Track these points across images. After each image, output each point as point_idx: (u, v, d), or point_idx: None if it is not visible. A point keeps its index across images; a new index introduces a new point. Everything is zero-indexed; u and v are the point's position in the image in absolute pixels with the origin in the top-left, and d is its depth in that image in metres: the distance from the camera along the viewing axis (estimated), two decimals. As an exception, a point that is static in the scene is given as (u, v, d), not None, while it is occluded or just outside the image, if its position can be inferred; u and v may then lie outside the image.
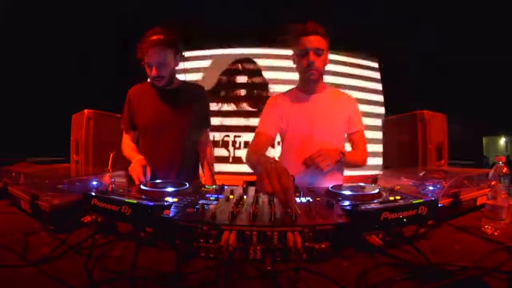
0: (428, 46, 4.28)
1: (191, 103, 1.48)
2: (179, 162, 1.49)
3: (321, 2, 3.97)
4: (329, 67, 4.48)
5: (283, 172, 0.70)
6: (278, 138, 1.49)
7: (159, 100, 1.45)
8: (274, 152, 3.01)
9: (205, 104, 1.61)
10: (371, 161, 4.36)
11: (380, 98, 4.50)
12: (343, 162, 1.23)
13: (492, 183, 0.81)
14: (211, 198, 0.88)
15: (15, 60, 3.71)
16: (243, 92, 3.97)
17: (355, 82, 4.47)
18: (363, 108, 4.45)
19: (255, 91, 3.99)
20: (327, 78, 4.39)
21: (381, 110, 4.49)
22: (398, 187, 1.00)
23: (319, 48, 1.22)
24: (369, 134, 4.42)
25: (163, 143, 1.45)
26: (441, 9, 3.98)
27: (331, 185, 0.99)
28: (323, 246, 0.61)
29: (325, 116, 1.33)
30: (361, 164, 1.38)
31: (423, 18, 4.05)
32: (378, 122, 4.38)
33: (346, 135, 1.43)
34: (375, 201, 0.83)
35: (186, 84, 1.58)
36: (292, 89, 1.43)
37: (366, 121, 4.43)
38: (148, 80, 1.51)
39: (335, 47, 4.37)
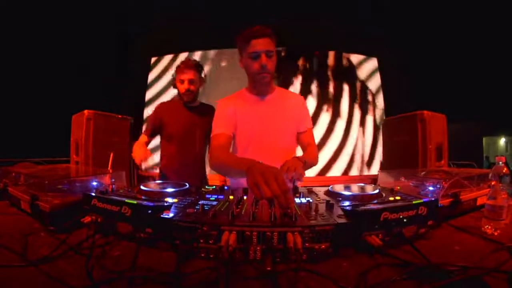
0: (428, 46, 4.29)
1: (207, 118, 1.74)
2: (198, 165, 1.84)
3: (322, 2, 3.98)
4: (329, 66, 4.50)
5: (278, 173, 0.68)
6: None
7: (187, 114, 1.80)
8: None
9: None
10: (371, 161, 4.37)
11: (380, 98, 4.50)
12: (305, 166, 1.22)
13: (492, 183, 0.81)
14: (211, 198, 0.88)
15: (16, 61, 3.71)
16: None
17: (355, 82, 4.48)
18: (362, 108, 4.47)
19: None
20: (330, 78, 4.40)
21: (381, 110, 4.49)
22: (398, 187, 1.00)
23: (270, 50, 1.22)
24: (369, 135, 4.44)
25: (189, 148, 1.79)
26: (442, 9, 3.98)
27: (331, 186, 0.99)
28: (323, 246, 0.62)
29: (275, 117, 1.34)
30: (315, 164, 1.37)
31: (423, 18, 4.05)
32: (378, 122, 4.39)
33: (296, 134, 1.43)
34: (375, 201, 0.83)
35: (203, 104, 1.92)
36: (241, 90, 1.41)
37: (366, 121, 4.45)
38: (171, 98, 1.92)
39: (335, 47, 4.38)
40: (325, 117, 4.36)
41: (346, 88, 4.44)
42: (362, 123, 4.45)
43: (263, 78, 1.27)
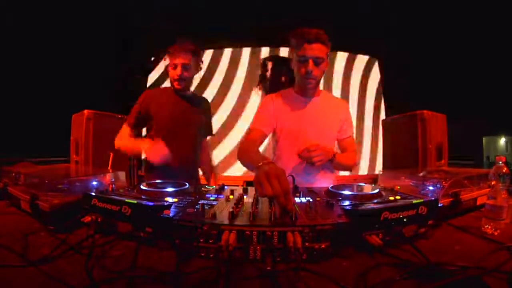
0: (428, 46, 4.28)
1: (200, 111, 1.65)
2: (191, 161, 1.62)
3: (322, 2, 3.98)
4: (330, 66, 4.49)
5: (282, 174, 0.70)
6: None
7: (178, 103, 1.57)
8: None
9: (210, 115, 1.81)
10: (371, 161, 4.37)
11: (380, 98, 4.50)
12: (333, 162, 1.25)
13: (492, 183, 0.81)
14: (211, 198, 0.88)
15: (16, 60, 3.71)
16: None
17: (355, 82, 4.48)
18: (363, 108, 4.46)
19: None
20: (328, 78, 4.39)
21: (381, 110, 4.49)
22: (398, 187, 1.00)
23: (319, 57, 1.22)
24: (369, 134, 4.43)
25: (178, 142, 1.53)
26: (442, 9, 3.98)
27: (331, 185, 0.99)
28: (323, 246, 0.62)
29: (318, 120, 1.35)
30: (351, 167, 1.40)
31: (424, 18, 4.05)
32: (378, 122, 4.38)
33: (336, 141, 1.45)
34: (375, 201, 0.83)
35: (196, 95, 1.72)
36: (289, 89, 1.43)
37: (366, 121, 4.45)
38: (163, 86, 1.65)
39: (336, 47, 4.38)
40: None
41: (346, 88, 4.44)
42: (362, 123, 4.45)
43: (308, 84, 1.29)
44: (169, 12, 4.01)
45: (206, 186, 1.11)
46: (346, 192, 0.90)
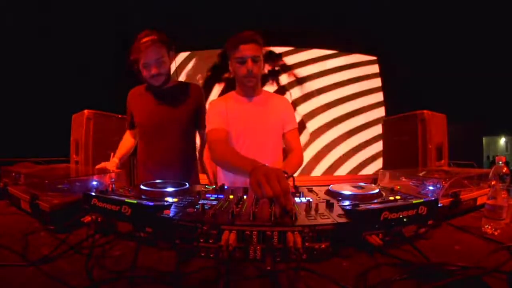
0: (428, 46, 4.28)
1: (186, 102, 1.49)
2: (176, 163, 1.49)
3: (322, 2, 3.98)
4: (330, 66, 4.50)
5: (281, 175, 0.71)
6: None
7: (154, 101, 1.47)
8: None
9: (202, 103, 1.58)
10: (371, 161, 4.37)
11: (380, 98, 4.50)
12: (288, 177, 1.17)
13: (492, 183, 0.81)
14: (211, 198, 0.88)
15: (16, 60, 3.71)
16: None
17: (355, 82, 4.48)
18: (363, 108, 4.47)
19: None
20: (328, 78, 4.40)
21: (381, 110, 4.49)
22: (398, 187, 1.00)
23: (256, 55, 1.28)
24: (369, 134, 4.44)
25: (159, 143, 1.47)
26: (442, 9, 3.98)
27: (331, 185, 0.99)
28: (323, 246, 0.62)
29: (263, 118, 1.39)
30: (298, 168, 1.40)
31: (424, 17, 4.05)
32: (378, 122, 4.38)
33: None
34: (375, 201, 0.83)
35: (182, 83, 1.57)
36: (231, 92, 1.47)
37: (366, 121, 4.45)
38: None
39: (335, 46, 4.38)
40: (325, 117, 4.36)
41: (346, 88, 4.44)
42: (363, 122, 4.45)
43: (249, 82, 1.34)
44: (169, 12, 4.01)
45: (206, 186, 1.11)
46: (346, 192, 0.90)
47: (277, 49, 4.33)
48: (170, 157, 1.47)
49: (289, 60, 4.34)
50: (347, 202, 0.81)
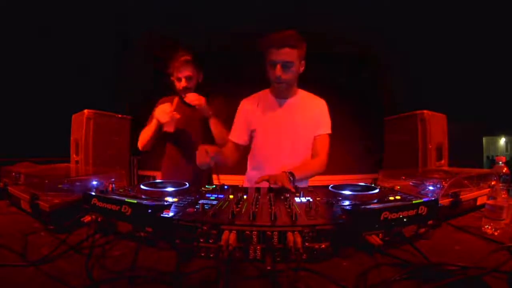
0: (428, 46, 4.28)
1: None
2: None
3: (321, 1, 3.98)
4: (329, 66, 4.49)
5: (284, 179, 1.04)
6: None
7: (183, 109, 1.64)
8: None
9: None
10: (371, 161, 4.37)
11: (380, 98, 4.50)
12: (295, 179, 1.17)
13: (492, 183, 0.81)
14: (211, 198, 0.88)
15: (16, 60, 3.71)
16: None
17: (355, 82, 4.48)
18: (363, 108, 4.47)
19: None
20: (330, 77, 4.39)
21: (381, 110, 4.49)
22: (398, 187, 1.00)
23: (287, 61, 1.21)
24: (369, 134, 4.43)
25: (187, 149, 1.66)
26: (442, 9, 3.98)
27: (331, 185, 0.99)
28: (323, 246, 0.62)
29: (292, 121, 1.35)
30: (318, 172, 1.36)
31: (424, 17, 4.05)
32: (378, 122, 4.37)
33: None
34: (375, 201, 0.83)
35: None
36: (265, 90, 1.44)
37: (366, 121, 4.44)
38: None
39: (336, 47, 4.38)
40: (325, 117, 4.36)
41: (346, 88, 4.43)
42: (362, 122, 4.45)
43: (278, 87, 1.31)
44: (169, 12, 4.00)
45: (206, 186, 1.11)
46: (346, 192, 0.90)
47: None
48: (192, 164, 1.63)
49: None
50: (347, 202, 0.81)
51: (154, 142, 1.64)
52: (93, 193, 0.78)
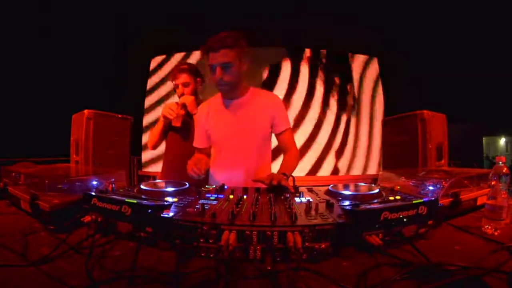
0: (428, 46, 4.29)
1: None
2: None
3: (321, 1, 3.98)
4: (329, 66, 4.49)
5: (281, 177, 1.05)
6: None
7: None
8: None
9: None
10: (371, 161, 4.37)
11: (380, 98, 4.50)
12: (288, 178, 1.21)
13: (492, 183, 0.81)
14: (211, 198, 0.88)
15: (16, 60, 3.71)
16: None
17: (354, 81, 4.48)
18: (363, 108, 4.47)
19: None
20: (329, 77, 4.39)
21: (381, 110, 4.49)
22: (398, 187, 1.00)
23: (226, 62, 1.21)
24: (369, 134, 4.43)
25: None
26: (442, 9, 3.98)
27: (331, 185, 0.99)
28: (323, 246, 0.61)
29: (246, 120, 1.35)
30: (294, 169, 1.38)
31: (424, 17, 4.05)
32: (378, 122, 4.38)
33: (274, 135, 1.42)
34: (375, 201, 0.83)
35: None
36: (217, 94, 1.45)
37: (365, 120, 4.44)
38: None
39: (336, 47, 4.38)
40: (325, 117, 4.36)
41: (346, 88, 4.43)
42: (363, 122, 4.45)
43: (221, 89, 1.32)
44: (169, 12, 4.01)
45: (207, 186, 1.11)
46: (346, 192, 0.90)
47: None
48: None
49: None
50: (347, 202, 0.81)
51: (163, 140, 1.76)
52: (93, 193, 0.78)
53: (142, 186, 0.94)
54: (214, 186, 1.11)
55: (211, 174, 1.47)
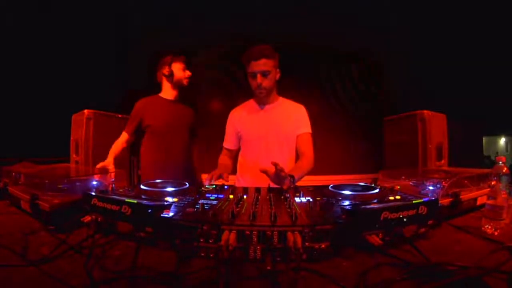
0: (428, 45, 4.28)
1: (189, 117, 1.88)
2: (182, 163, 1.82)
3: (321, 1, 3.98)
4: (329, 66, 4.49)
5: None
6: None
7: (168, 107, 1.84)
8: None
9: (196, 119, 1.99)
10: (371, 161, 4.37)
11: (380, 97, 4.50)
12: (295, 181, 1.25)
13: (492, 183, 0.81)
14: (211, 198, 0.88)
15: (16, 60, 3.71)
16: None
17: (353, 81, 4.48)
18: (363, 107, 4.46)
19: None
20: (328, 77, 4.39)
21: (381, 110, 4.49)
22: (398, 187, 1.00)
23: (265, 70, 1.40)
24: (369, 134, 4.43)
25: (171, 144, 1.78)
26: (442, 9, 3.98)
27: (331, 185, 0.99)
28: (323, 246, 0.61)
29: (276, 124, 1.51)
30: (310, 170, 1.46)
31: (424, 17, 4.05)
32: (378, 122, 4.38)
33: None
34: (375, 200, 0.83)
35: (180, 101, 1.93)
36: (250, 100, 1.62)
37: (365, 120, 4.44)
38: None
39: (335, 47, 4.38)
40: (325, 117, 4.36)
41: (346, 88, 4.43)
42: (362, 122, 4.45)
43: (259, 94, 1.49)
44: (169, 12, 4.00)
45: (207, 186, 1.12)
46: (346, 192, 0.90)
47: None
48: (177, 157, 1.79)
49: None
50: (347, 202, 0.81)
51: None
52: (93, 193, 0.78)
53: (142, 186, 0.94)
54: (214, 186, 1.11)
55: (240, 171, 1.61)
